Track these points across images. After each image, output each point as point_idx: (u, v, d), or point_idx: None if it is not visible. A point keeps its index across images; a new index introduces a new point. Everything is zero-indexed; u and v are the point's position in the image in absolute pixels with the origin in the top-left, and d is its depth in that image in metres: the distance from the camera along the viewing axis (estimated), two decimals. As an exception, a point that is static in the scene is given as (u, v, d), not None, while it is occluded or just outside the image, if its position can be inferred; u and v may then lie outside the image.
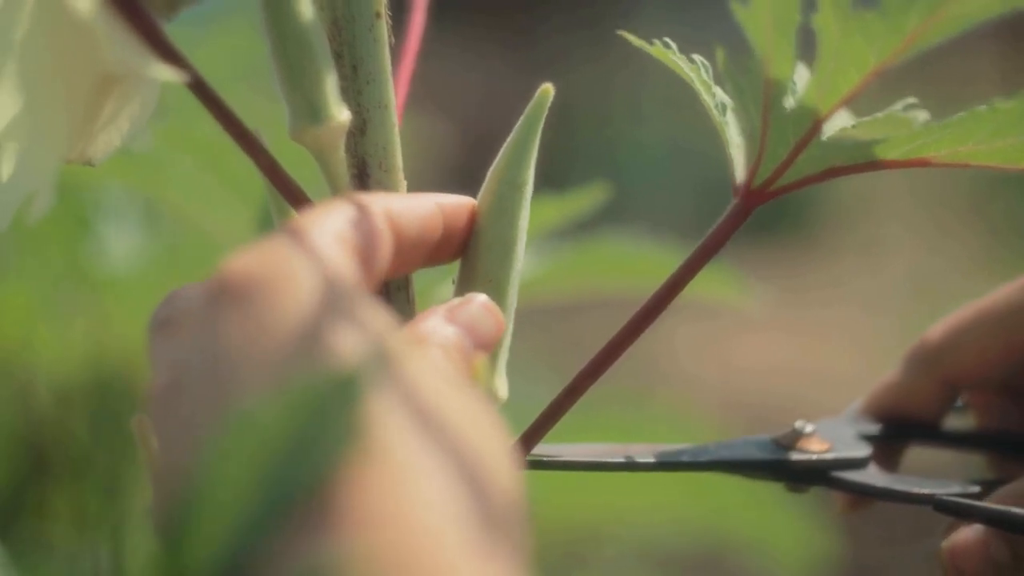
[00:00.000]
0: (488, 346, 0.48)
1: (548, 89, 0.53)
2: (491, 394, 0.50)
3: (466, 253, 0.52)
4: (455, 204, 0.51)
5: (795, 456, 0.55)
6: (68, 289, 1.02)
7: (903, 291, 2.75)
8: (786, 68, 0.48)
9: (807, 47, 0.48)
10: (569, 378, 0.52)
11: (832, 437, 0.56)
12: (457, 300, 0.49)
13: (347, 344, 0.39)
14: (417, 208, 0.49)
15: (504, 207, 0.52)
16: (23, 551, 0.89)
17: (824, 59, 0.47)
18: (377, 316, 0.41)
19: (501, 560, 0.37)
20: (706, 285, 0.75)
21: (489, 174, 0.53)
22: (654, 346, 2.42)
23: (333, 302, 0.41)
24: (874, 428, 0.59)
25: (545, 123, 0.53)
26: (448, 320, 0.48)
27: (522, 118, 0.53)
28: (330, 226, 0.44)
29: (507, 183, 0.52)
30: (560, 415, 0.52)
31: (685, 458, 0.55)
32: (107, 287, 1.01)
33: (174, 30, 0.49)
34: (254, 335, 0.40)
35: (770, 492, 1.14)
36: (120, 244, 1.01)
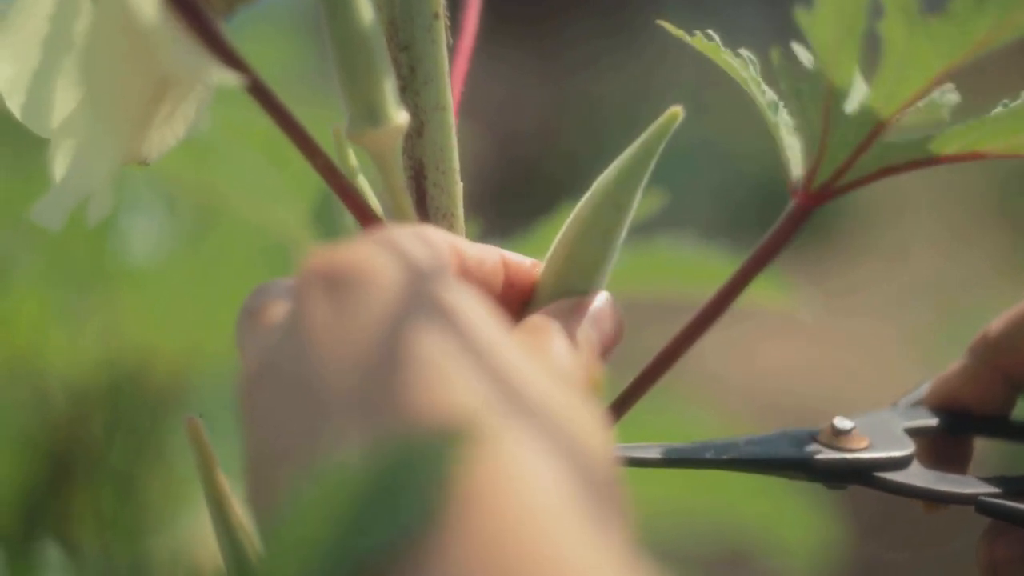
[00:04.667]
0: (609, 344, 0.47)
1: (676, 112, 0.50)
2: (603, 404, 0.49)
3: (550, 264, 0.50)
4: (518, 260, 0.50)
5: (834, 456, 0.54)
6: (83, 289, 1.02)
7: (925, 295, 2.75)
8: (849, 73, 0.48)
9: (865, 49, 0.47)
10: (620, 383, 0.51)
11: (873, 433, 0.55)
12: (584, 297, 0.48)
13: (437, 342, 0.39)
14: (478, 248, 0.48)
15: (600, 224, 0.50)
16: (41, 552, 0.89)
17: (888, 63, 0.47)
18: (476, 310, 0.40)
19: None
20: (757, 290, 0.74)
21: (593, 187, 0.51)
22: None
23: (421, 296, 0.40)
24: (932, 420, 0.58)
25: (572, 127, 0.50)
26: (574, 310, 0.47)
27: (640, 139, 0.51)
28: (411, 232, 0.44)
29: (610, 202, 0.50)
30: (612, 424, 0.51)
31: (713, 455, 0.53)
32: (123, 287, 1.00)
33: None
34: (343, 328, 0.39)
35: (783, 486, 1.14)
36: (137, 243, 1.01)
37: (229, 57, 0.47)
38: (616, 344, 0.48)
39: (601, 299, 0.49)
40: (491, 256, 0.48)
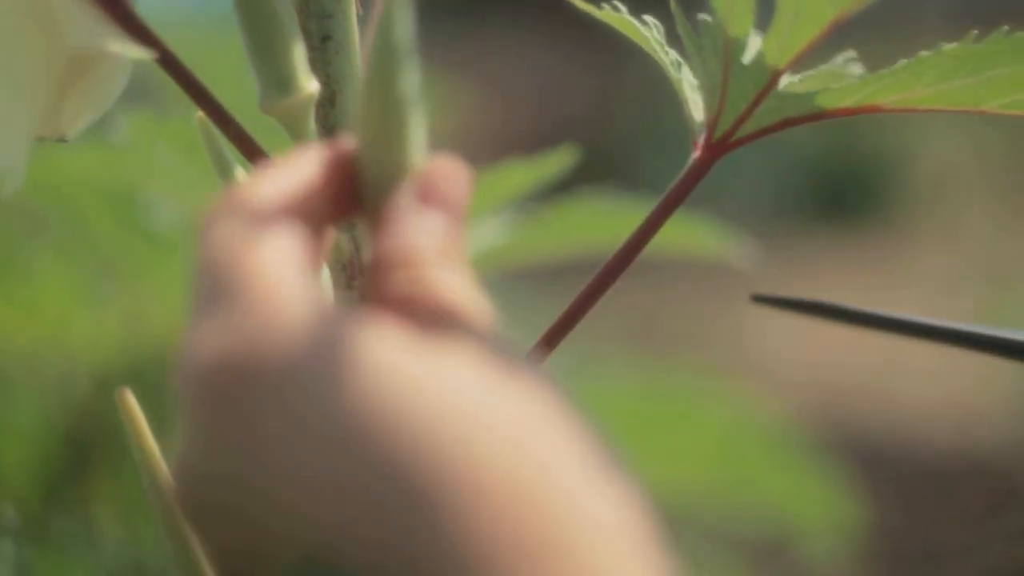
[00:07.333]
0: (463, 209, 0.43)
1: None
2: None
3: (363, 144, 0.45)
4: (332, 153, 0.45)
5: None
6: (107, 273, 1.03)
7: (979, 274, 2.73)
8: (745, 23, 0.49)
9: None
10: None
11: None
12: (421, 173, 0.43)
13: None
14: (297, 173, 0.43)
15: (386, 84, 0.44)
16: (62, 538, 0.91)
17: (782, 13, 0.48)
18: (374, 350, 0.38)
19: None
20: (682, 239, 0.74)
21: (366, 52, 0.45)
22: (727, 329, 2.43)
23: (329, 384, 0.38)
24: None
25: (626, 112, 0.50)
26: (424, 201, 0.43)
27: None
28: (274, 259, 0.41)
29: (384, 58, 0.44)
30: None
31: (941, 324, 0.54)
32: (147, 270, 1.01)
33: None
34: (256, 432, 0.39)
35: (807, 463, 1.13)
36: (160, 226, 1.02)
37: (138, 31, 0.48)
38: (468, 200, 0.43)
39: (440, 168, 0.44)
40: (306, 170, 0.44)
